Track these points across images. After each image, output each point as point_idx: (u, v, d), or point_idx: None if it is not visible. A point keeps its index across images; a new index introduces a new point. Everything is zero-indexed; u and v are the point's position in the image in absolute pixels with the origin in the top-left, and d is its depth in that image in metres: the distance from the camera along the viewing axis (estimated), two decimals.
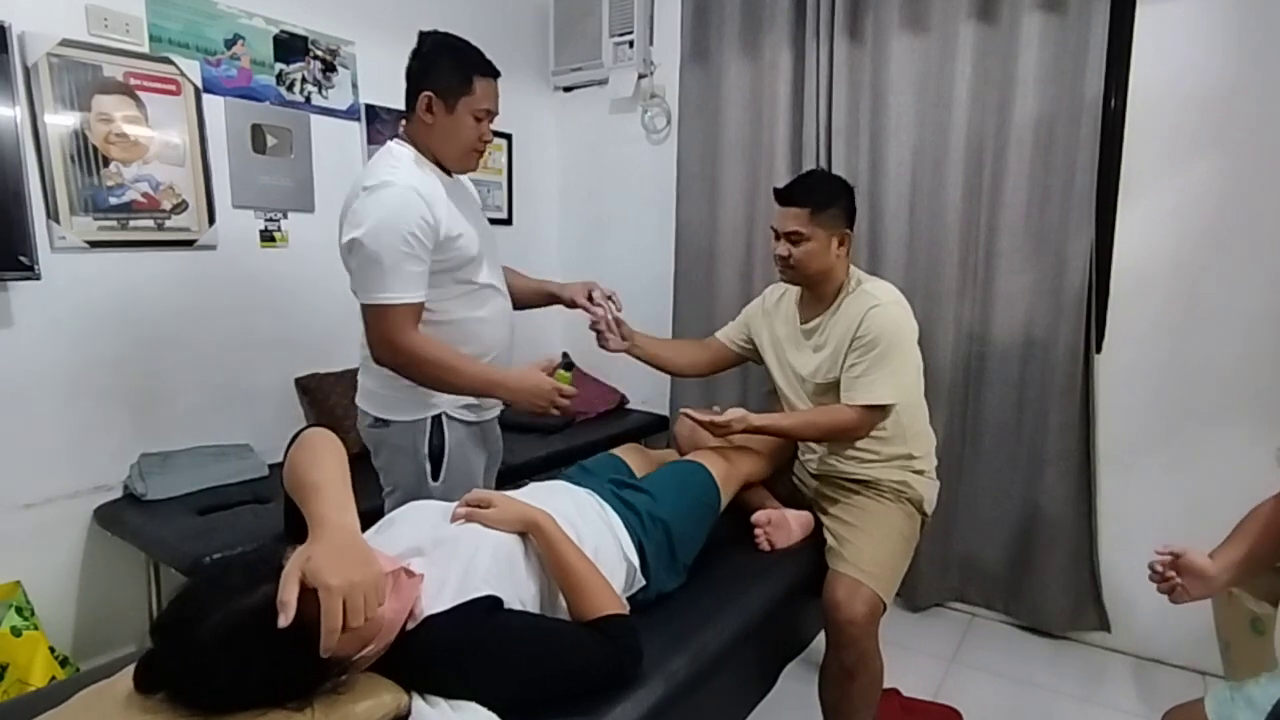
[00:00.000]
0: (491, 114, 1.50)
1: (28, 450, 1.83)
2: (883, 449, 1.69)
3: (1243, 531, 1.15)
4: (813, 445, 1.79)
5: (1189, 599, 1.13)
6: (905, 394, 1.63)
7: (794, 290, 1.80)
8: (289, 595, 0.81)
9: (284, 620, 0.80)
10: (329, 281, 2.43)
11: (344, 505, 0.98)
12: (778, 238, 1.66)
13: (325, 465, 1.03)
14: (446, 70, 1.46)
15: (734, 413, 1.61)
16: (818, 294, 1.72)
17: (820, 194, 1.63)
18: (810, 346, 1.74)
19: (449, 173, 1.55)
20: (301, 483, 1.01)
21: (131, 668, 0.87)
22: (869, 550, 1.57)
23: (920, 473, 1.72)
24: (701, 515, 1.52)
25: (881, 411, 1.62)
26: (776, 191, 1.67)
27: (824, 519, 1.71)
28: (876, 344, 1.58)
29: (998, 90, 2.18)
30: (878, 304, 1.61)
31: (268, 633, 0.81)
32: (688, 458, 1.67)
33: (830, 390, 1.69)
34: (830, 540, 1.64)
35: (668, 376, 2.90)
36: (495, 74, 1.50)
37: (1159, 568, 1.14)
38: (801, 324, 1.76)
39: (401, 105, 2.71)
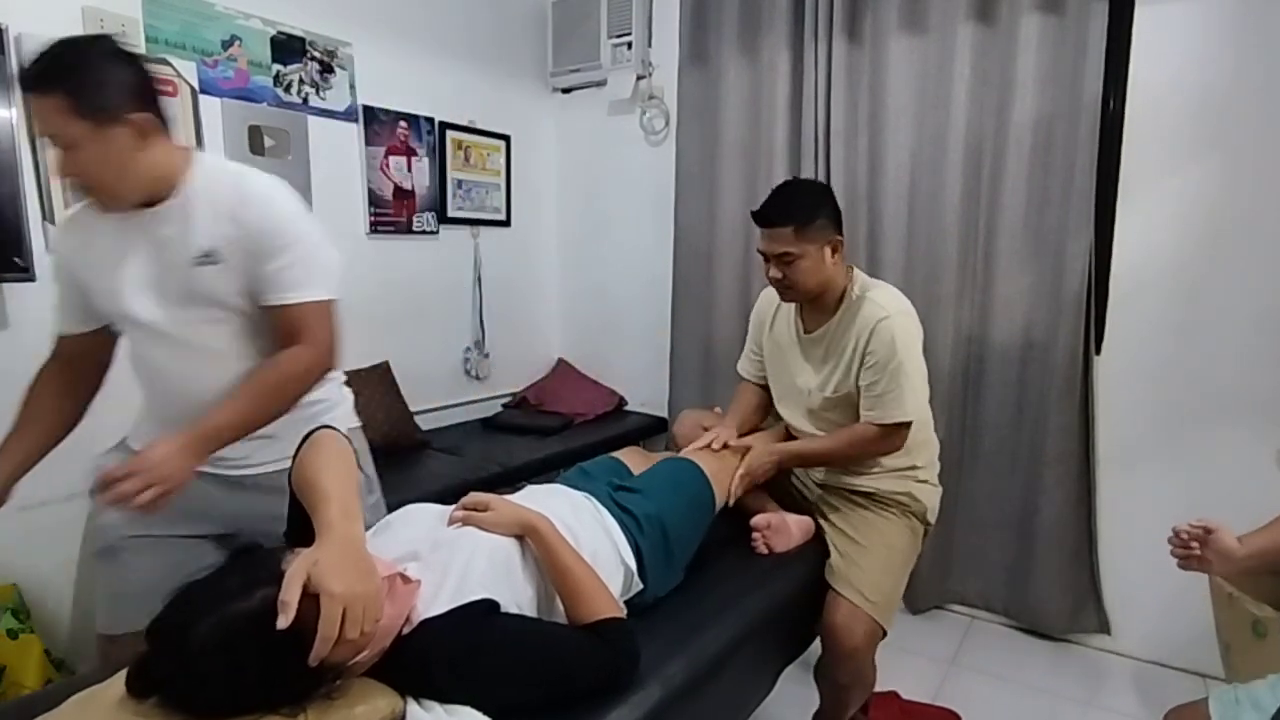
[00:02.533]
0: (49, 138, 1.13)
1: None
2: (887, 461, 1.66)
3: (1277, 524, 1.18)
4: None
5: (1198, 570, 1.16)
6: (922, 407, 1.60)
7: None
8: (291, 596, 0.81)
9: (283, 621, 0.80)
10: None
11: (353, 513, 0.97)
12: (767, 261, 1.58)
13: (335, 469, 1.02)
14: None
15: (756, 454, 1.62)
16: (819, 304, 1.65)
17: (801, 207, 1.53)
18: (817, 358, 1.67)
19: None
20: (311, 486, 1.01)
21: (124, 672, 0.86)
22: (871, 575, 1.54)
23: (923, 481, 1.70)
24: (696, 513, 1.51)
25: (908, 428, 1.58)
26: (756, 215, 1.58)
27: (827, 528, 1.69)
28: (892, 358, 1.52)
29: (996, 91, 2.18)
30: (886, 315, 1.53)
31: (264, 637, 0.80)
32: (680, 454, 1.66)
33: (839, 405, 1.64)
34: (833, 555, 1.62)
35: (666, 378, 2.91)
36: (37, 89, 1.10)
37: (1184, 535, 1.16)
38: (805, 333, 1.70)
39: (400, 108, 2.74)
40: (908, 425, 1.57)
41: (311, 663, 0.82)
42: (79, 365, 1.39)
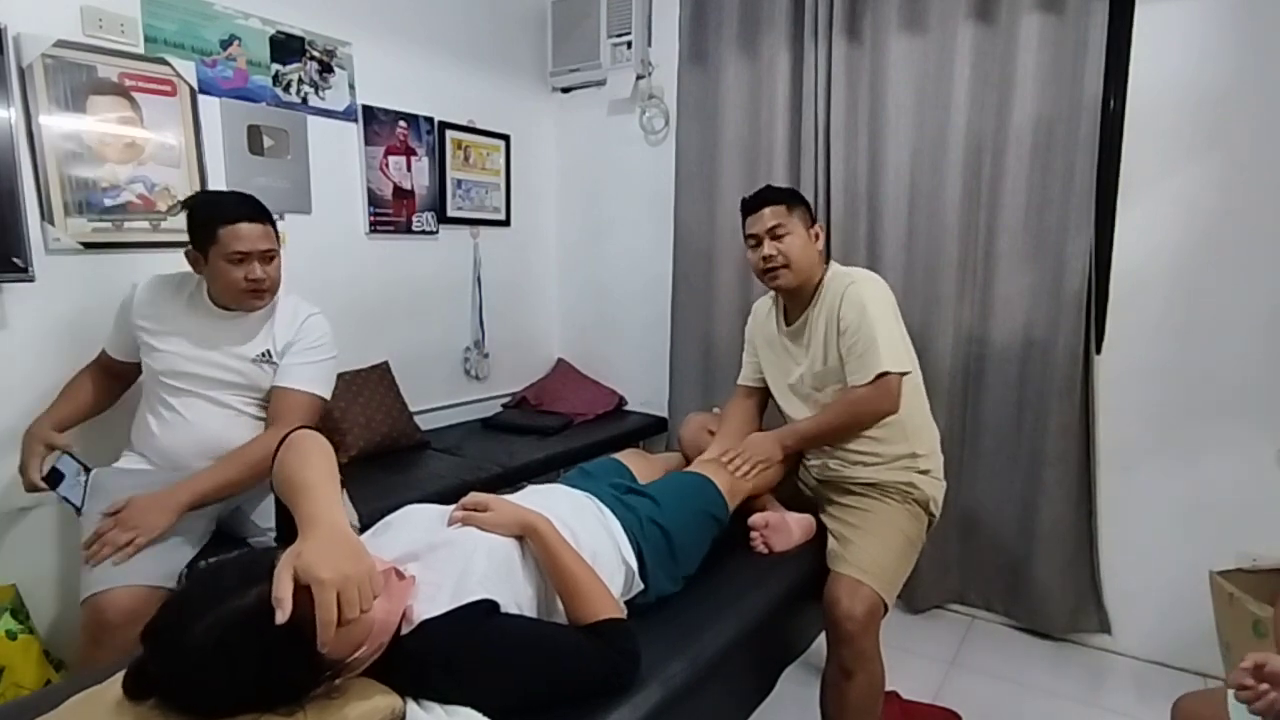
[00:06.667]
0: (252, 254, 1.57)
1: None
2: (885, 450, 1.68)
3: None
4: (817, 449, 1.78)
5: None
6: (901, 360, 1.63)
7: (778, 300, 1.83)
8: (283, 592, 0.81)
9: (281, 617, 0.80)
10: (326, 283, 2.44)
11: (334, 503, 0.98)
12: (759, 243, 1.71)
13: (314, 465, 1.03)
14: (195, 228, 1.59)
15: (758, 449, 1.67)
16: (799, 296, 1.75)
17: (786, 192, 1.74)
18: (801, 345, 1.75)
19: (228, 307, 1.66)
20: (291, 483, 1.01)
21: (122, 674, 0.86)
22: (870, 551, 1.56)
23: (926, 473, 1.71)
24: (705, 526, 1.51)
25: (893, 380, 1.61)
26: (746, 201, 1.75)
27: (827, 521, 1.70)
28: (863, 318, 1.61)
29: (996, 91, 2.17)
30: (852, 281, 1.66)
31: (260, 634, 0.80)
32: (695, 471, 1.65)
33: (829, 383, 1.70)
34: (832, 542, 1.63)
35: (666, 377, 2.91)
36: (249, 217, 1.57)
37: (1249, 683, 0.97)
38: (788, 326, 1.79)
39: (400, 107, 2.74)
40: (896, 378, 1.62)
41: (321, 650, 0.82)
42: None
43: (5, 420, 1.78)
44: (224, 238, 1.54)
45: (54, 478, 1.60)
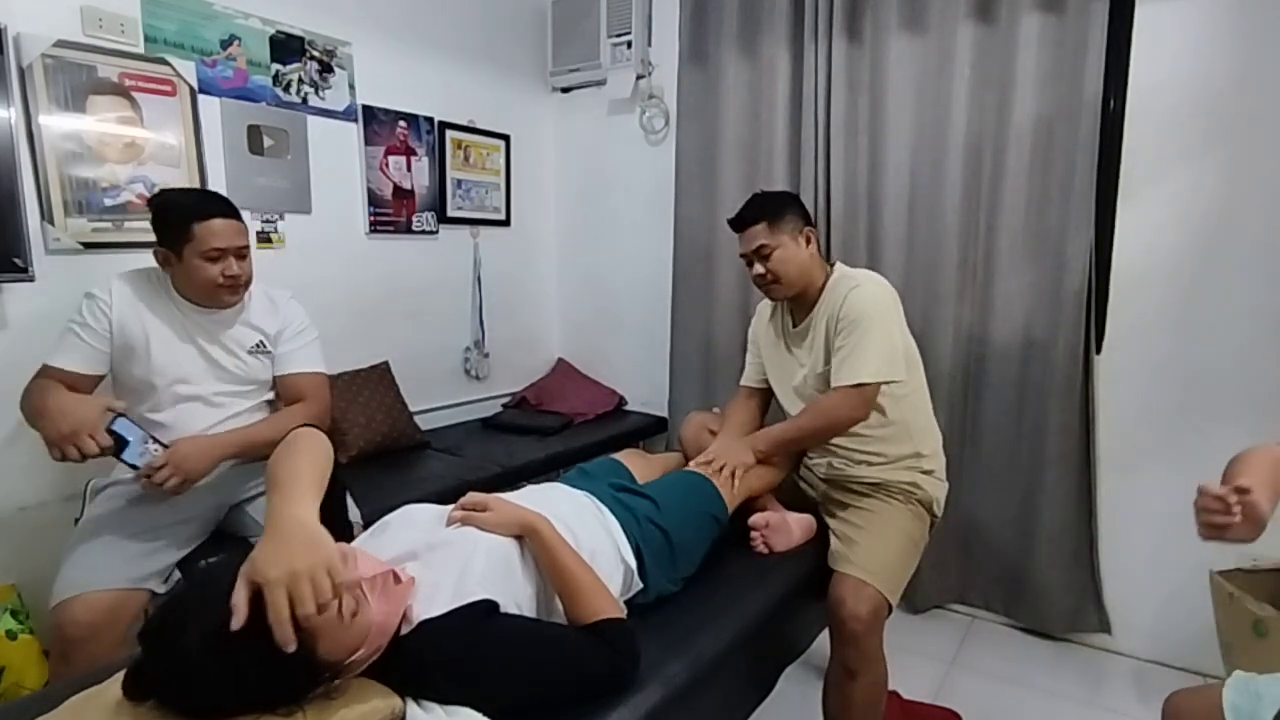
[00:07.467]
0: (228, 250, 1.55)
1: (22, 452, 1.82)
2: (889, 450, 1.68)
3: (1264, 472, 1.02)
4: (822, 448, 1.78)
5: (1228, 539, 0.97)
6: (890, 369, 1.60)
7: (783, 302, 1.83)
8: (238, 598, 0.80)
9: (236, 622, 0.79)
10: (326, 283, 2.44)
11: (299, 497, 0.94)
12: (750, 263, 1.72)
13: (295, 462, 1.01)
14: (167, 226, 1.55)
15: (730, 455, 1.65)
16: (804, 299, 1.74)
17: (769, 207, 1.70)
18: (805, 346, 1.75)
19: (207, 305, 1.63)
20: (271, 479, 1.00)
21: (121, 674, 0.86)
22: (874, 551, 1.56)
23: (929, 473, 1.71)
24: (705, 527, 1.51)
25: (870, 390, 1.59)
26: (731, 221, 1.74)
27: (830, 521, 1.70)
28: (858, 323, 1.59)
29: (996, 90, 2.17)
30: (857, 284, 1.65)
31: (258, 635, 0.80)
32: (695, 471, 1.66)
33: (830, 384, 1.69)
34: (835, 542, 1.63)
35: (666, 377, 2.90)
36: (223, 214, 1.56)
37: (1232, 499, 0.95)
38: (794, 327, 1.79)
39: (400, 107, 2.74)
40: (874, 389, 1.60)
41: (283, 649, 0.80)
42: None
43: (5, 421, 1.78)
44: (200, 234, 1.52)
45: (117, 443, 1.43)
